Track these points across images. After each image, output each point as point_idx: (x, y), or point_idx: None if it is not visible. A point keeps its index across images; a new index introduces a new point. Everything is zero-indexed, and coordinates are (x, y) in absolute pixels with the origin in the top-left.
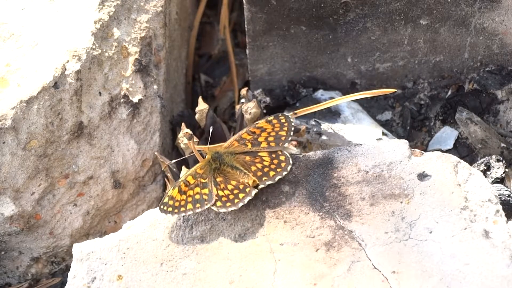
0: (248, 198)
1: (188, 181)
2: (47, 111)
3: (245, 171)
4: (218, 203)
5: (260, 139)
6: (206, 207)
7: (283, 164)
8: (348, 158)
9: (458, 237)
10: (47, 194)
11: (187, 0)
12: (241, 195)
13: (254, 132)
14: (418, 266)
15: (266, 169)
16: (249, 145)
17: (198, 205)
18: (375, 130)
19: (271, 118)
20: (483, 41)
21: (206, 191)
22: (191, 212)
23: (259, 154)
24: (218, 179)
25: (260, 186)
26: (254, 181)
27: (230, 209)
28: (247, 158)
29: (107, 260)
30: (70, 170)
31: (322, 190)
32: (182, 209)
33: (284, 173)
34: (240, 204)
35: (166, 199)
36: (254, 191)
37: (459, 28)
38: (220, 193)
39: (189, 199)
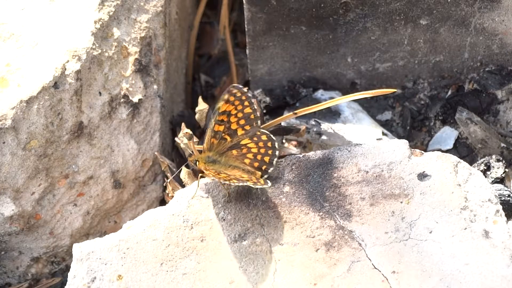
0: (269, 183)
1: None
2: (47, 111)
3: (248, 167)
4: (251, 181)
5: (233, 127)
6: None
7: (269, 144)
8: (348, 158)
9: (458, 237)
10: (47, 194)
11: (187, 0)
12: (262, 181)
13: (223, 120)
14: (418, 266)
15: (259, 157)
16: (228, 138)
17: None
18: (375, 130)
19: (226, 96)
20: (483, 41)
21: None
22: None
23: (242, 143)
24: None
25: (265, 176)
26: (259, 174)
27: (265, 186)
28: (234, 152)
29: (107, 260)
30: (70, 170)
31: (322, 190)
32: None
33: (277, 152)
34: (269, 183)
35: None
36: (268, 182)
37: (459, 28)
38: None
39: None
